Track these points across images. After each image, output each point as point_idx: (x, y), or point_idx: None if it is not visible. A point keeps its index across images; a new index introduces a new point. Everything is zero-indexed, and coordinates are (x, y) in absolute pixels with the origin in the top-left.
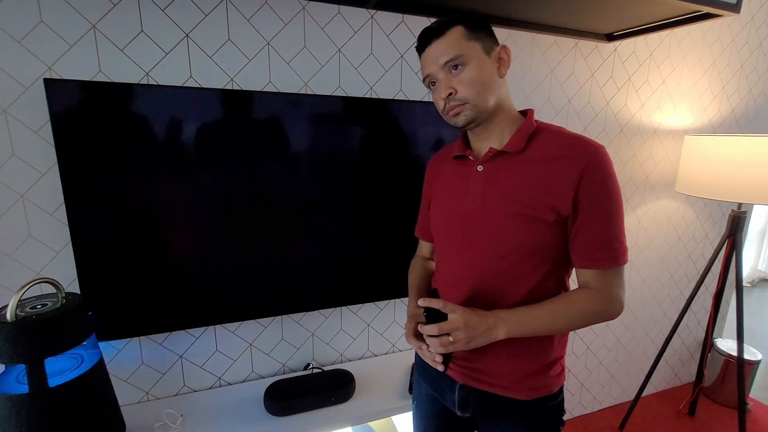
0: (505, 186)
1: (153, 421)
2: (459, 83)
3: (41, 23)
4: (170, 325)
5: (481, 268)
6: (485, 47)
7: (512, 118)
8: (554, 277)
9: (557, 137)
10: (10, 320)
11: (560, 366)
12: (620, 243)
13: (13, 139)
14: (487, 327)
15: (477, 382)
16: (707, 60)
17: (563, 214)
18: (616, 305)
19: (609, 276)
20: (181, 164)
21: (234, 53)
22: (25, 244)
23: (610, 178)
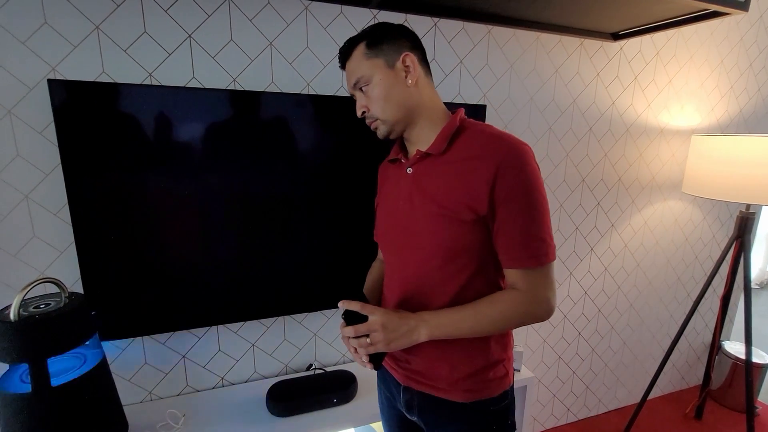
0: (428, 188)
1: (156, 421)
2: (369, 101)
3: (45, 24)
4: (173, 325)
5: (411, 271)
6: (388, 61)
7: (438, 120)
8: (483, 277)
9: (478, 137)
10: (13, 320)
11: (503, 369)
12: (542, 241)
13: (18, 139)
14: (408, 328)
15: (417, 383)
16: (715, 59)
17: (480, 213)
18: (542, 306)
19: (533, 276)
20: (183, 165)
21: (237, 54)
22: (30, 244)
23: (527, 175)
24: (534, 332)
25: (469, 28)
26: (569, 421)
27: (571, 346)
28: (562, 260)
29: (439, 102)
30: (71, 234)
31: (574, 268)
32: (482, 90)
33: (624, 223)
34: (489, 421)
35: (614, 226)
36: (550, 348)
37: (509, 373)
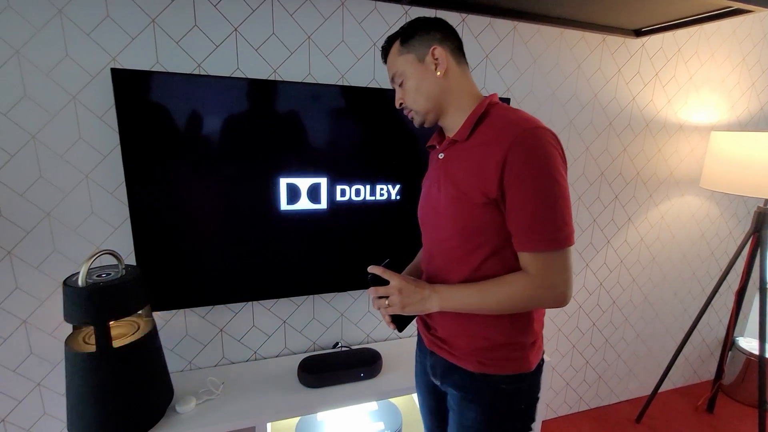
0: (452, 172)
1: (197, 387)
2: (404, 94)
3: (107, 18)
4: (213, 299)
5: (436, 249)
6: (419, 55)
7: (468, 107)
8: (498, 259)
9: (496, 122)
10: (81, 286)
11: (520, 351)
12: (552, 225)
13: (81, 123)
14: (421, 297)
15: (439, 349)
16: (737, 56)
17: (491, 196)
18: (549, 291)
19: (543, 259)
20: (228, 150)
21: (277, 46)
22: (88, 219)
23: (538, 158)
24: (549, 321)
25: (495, 23)
26: (581, 409)
27: (585, 336)
28: (579, 251)
29: (472, 90)
30: (125, 211)
31: (591, 259)
32: (506, 84)
33: (641, 217)
34: (497, 397)
35: (631, 219)
36: (565, 337)
37: (529, 358)
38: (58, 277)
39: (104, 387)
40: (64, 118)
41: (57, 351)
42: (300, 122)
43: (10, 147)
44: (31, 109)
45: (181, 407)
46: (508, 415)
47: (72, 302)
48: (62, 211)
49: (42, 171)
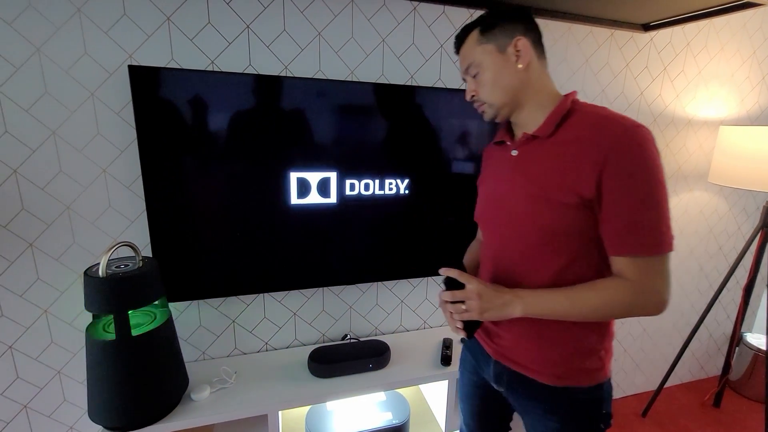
0: (531, 170)
1: (211, 376)
2: (477, 86)
3: (124, 16)
4: (226, 291)
5: (509, 251)
6: (499, 46)
7: (548, 102)
8: (584, 263)
9: (588, 119)
10: (101, 276)
11: (598, 360)
12: (655, 229)
13: (99, 119)
14: (502, 302)
15: (507, 360)
16: (747, 49)
17: (585, 197)
18: (651, 297)
19: (643, 264)
20: (240, 145)
21: (288, 43)
22: (106, 213)
23: (643, 159)
24: None
25: None
26: None
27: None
28: None
29: (550, 85)
30: (141, 205)
31: None
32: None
33: None
34: (579, 410)
35: None
36: None
37: (605, 366)
38: (78, 269)
39: (123, 373)
40: (83, 114)
41: (77, 340)
42: (310, 117)
43: (31, 142)
44: (52, 105)
45: (196, 395)
46: (590, 421)
47: (93, 292)
48: (81, 205)
49: (62, 165)
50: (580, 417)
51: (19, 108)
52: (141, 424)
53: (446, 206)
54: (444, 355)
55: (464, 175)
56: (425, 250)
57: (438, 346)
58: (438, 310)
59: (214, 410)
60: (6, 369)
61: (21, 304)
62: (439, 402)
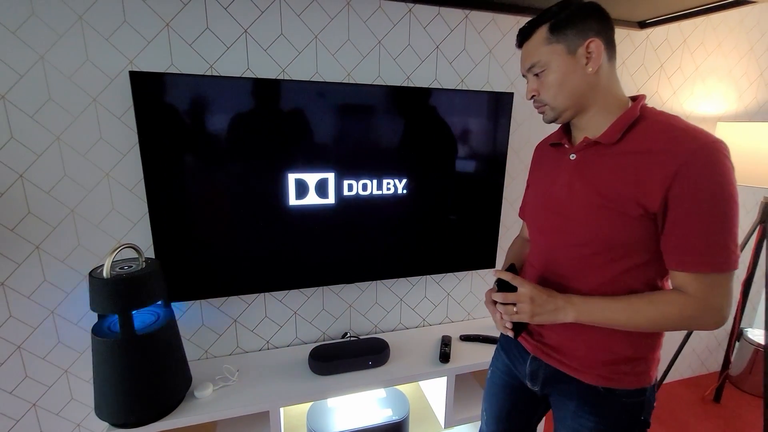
0: (592, 176)
1: (213, 374)
2: (540, 86)
3: (125, 23)
4: (227, 291)
5: (558, 255)
6: (569, 46)
7: (614, 107)
8: (639, 274)
9: (659, 129)
10: (106, 277)
11: (644, 366)
12: (723, 248)
13: (101, 124)
14: (554, 307)
15: (547, 357)
16: (744, 46)
17: (651, 210)
18: (712, 315)
19: (707, 281)
20: (239, 148)
21: (286, 46)
22: (109, 215)
23: (715, 176)
24: None
25: (498, 19)
26: None
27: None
28: None
29: (618, 89)
30: (143, 207)
31: None
32: (510, 78)
33: None
34: (619, 411)
35: None
36: None
37: (651, 373)
38: (83, 270)
39: (128, 372)
40: (86, 119)
41: (83, 340)
42: (308, 120)
43: (36, 147)
44: (56, 111)
45: (200, 392)
46: (627, 425)
47: (98, 293)
48: (85, 208)
49: (66, 170)
50: (618, 419)
51: (24, 114)
52: (146, 421)
53: (445, 205)
54: (443, 352)
55: (462, 173)
56: (424, 249)
57: (437, 344)
58: (437, 307)
59: (216, 407)
60: (15, 368)
61: (28, 305)
62: (439, 398)
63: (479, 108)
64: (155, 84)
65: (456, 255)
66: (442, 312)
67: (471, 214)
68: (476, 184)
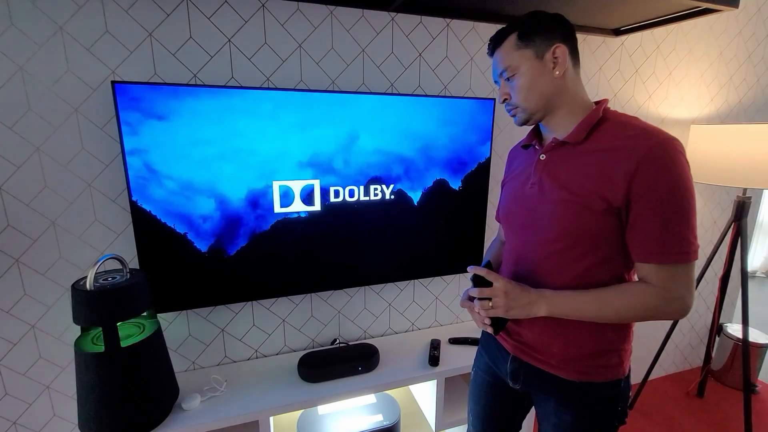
0: (560, 175)
1: (201, 385)
2: (511, 90)
3: (107, 33)
4: (214, 300)
5: (531, 252)
6: (538, 51)
7: (579, 109)
8: (607, 267)
9: (620, 128)
10: (89, 289)
11: (618, 358)
12: (683, 239)
13: (83, 134)
14: (528, 301)
15: (526, 356)
16: (714, 51)
17: (614, 205)
18: (675, 304)
19: (669, 272)
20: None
21: (270, 55)
22: (92, 226)
23: (673, 171)
24: None
25: (478, 27)
26: None
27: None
28: None
29: (583, 93)
30: (127, 218)
31: None
32: (491, 85)
33: None
34: (597, 404)
35: None
36: None
37: (624, 364)
38: (65, 283)
39: (113, 386)
40: (67, 129)
41: (65, 354)
42: (292, 128)
43: (15, 159)
44: (36, 122)
45: (187, 404)
46: (607, 417)
47: (81, 305)
48: (67, 219)
49: (47, 181)
50: (596, 411)
51: (3, 125)
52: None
53: (431, 209)
54: (432, 355)
55: (448, 178)
56: (411, 254)
57: (426, 347)
58: (425, 311)
59: (204, 418)
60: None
61: (8, 320)
62: (429, 402)
63: (462, 114)
64: (138, 94)
65: (443, 259)
66: (430, 316)
67: (457, 218)
68: (462, 188)
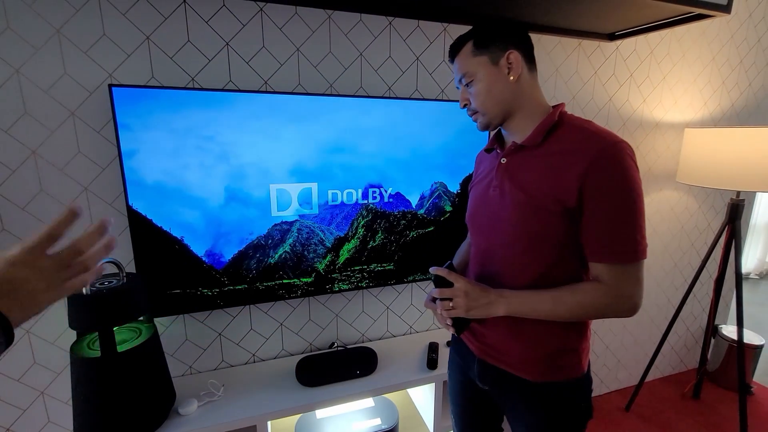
0: (519, 177)
1: (199, 390)
2: (470, 95)
3: (104, 36)
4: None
5: (494, 253)
6: (493, 58)
7: (537, 113)
8: (565, 267)
9: (574, 131)
10: (85, 293)
11: (577, 357)
12: (631, 239)
13: (79, 138)
14: (487, 301)
15: (491, 358)
16: (707, 56)
17: (568, 206)
18: (624, 302)
19: (618, 271)
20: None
21: (268, 59)
22: None
23: (621, 173)
24: None
25: None
26: None
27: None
28: None
29: (540, 97)
30: (124, 222)
31: None
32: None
33: None
34: (558, 402)
35: None
36: None
37: (583, 362)
38: None
39: (109, 390)
40: (64, 133)
41: (60, 360)
42: (291, 131)
43: (11, 162)
44: (32, 125)
45: (184, 409)
46: (570, 415)
47: (77, 309)
48: None
49: (42, 185)
50: (560, 410)
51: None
52: None
53: (431, 212)
54: (430, 358)
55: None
56: (409, 256)
57: (424, 351)
58: (423, 314)
59: (201, 424)
60: None
61: None
62: (427, 405)
63: (459, 117)
64: (135, 97)
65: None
66: (428, 319)
67: (455, 220)
68: (460, 191)
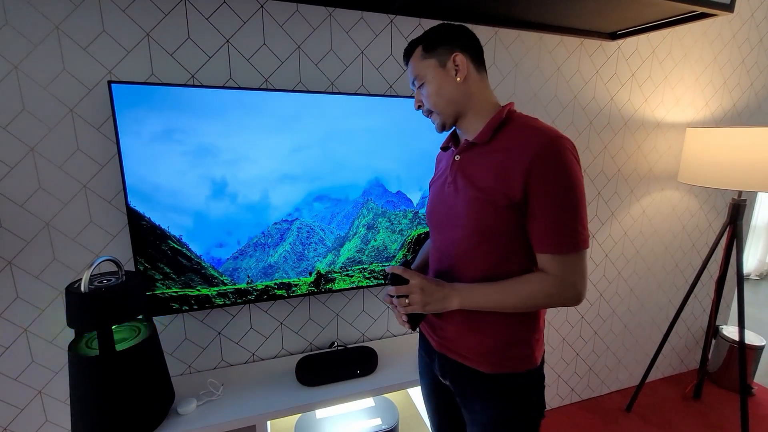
0: (471, 173)
1: (198, 389)
2: (423, 97)
3: (103, 32)
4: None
5: (449, 247)
6: (440, 61)
7: (487, 112)
8: (515, 259)
9: (519, 128)
10: (84, 291)
11: (528, 349)
12: (573, 230)
13: (78, 135)
14: (442, 295)
15: (449, 351)
16: (709, 56)
17: (514, 200)
18: (568, 291)
19: (563, 261)
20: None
21: (268, 56)
22: (87, 228)
23: (563, 166)
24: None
25: (477, 30)
26: (573, 401)
27: (575, 329)
28: None
29: (490, 96)
30: (123, 219)
31: None
32: None
33: (623, 211)
34: (512, 395)
35: (614, 214)
36: (555, 330)
37: (536, 354)
38: (59, 286)
39: (108, 389)
40: (62, 130)
41: (58, 358)
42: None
43: (9, 159)
44: (30, 122)
45: (183, 409)
46: (524, 408)
47: (75, 307)
48: (61, 221)
49: (41, 182)
50: (513, 403)
51: None
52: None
53: None
54: None
55: None
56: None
57: None
58: None
59: (200, 423)
60: None
61: (0, 323)
62: None
63: None
64: (135, 94)
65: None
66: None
67: None
68: None
